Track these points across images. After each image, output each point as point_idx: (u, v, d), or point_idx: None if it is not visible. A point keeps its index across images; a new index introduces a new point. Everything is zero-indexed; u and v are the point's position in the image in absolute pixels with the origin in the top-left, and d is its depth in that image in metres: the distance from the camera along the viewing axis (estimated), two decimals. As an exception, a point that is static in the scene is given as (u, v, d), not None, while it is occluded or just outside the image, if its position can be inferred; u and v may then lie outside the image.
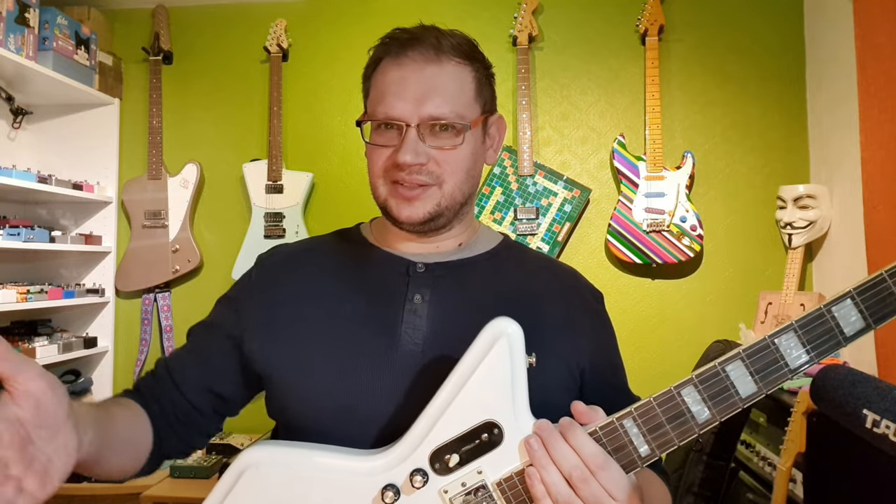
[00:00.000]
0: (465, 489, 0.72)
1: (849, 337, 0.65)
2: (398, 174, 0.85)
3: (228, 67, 2.86)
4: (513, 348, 0.72)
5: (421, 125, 0.83)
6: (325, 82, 2.78)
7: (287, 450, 0.78)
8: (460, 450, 0.72)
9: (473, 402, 0.72)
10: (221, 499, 0.76)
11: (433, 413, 0.73)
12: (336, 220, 2.76)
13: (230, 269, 2.69)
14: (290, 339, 0.88)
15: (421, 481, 0.72)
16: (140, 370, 2.80)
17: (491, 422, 0.72)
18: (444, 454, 0.72)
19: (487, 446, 0.72)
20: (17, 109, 2.67)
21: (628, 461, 0.70)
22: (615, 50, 2.68)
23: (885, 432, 1.12)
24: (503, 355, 0.71)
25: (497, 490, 0.72)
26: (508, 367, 0.71)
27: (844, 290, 0.64)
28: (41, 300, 2.42)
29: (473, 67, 0.89)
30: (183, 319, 2.81)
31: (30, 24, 2.38)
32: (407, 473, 0.72)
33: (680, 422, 0.68)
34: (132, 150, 2.87)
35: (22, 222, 2.48)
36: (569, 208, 2.57)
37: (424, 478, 0.72)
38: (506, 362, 0.71)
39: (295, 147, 2.79)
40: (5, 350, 0.58)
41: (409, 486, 0.72)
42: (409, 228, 0.89)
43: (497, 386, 0.72)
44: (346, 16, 2.79)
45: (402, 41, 0.86)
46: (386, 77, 0.86)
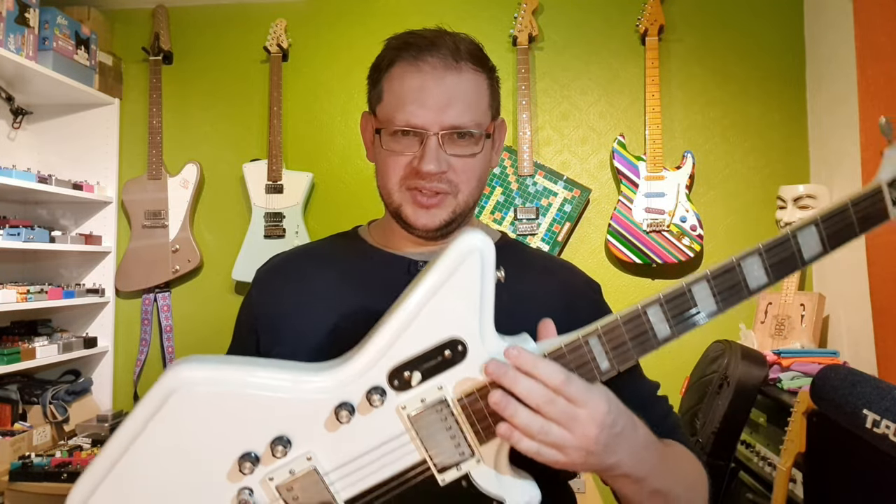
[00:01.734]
0: (424, 405, 0.68)
1: (807, 260, 0.70)
2: (417, 182, 0.86)
3: (228, 67, 2.86)
4: (484, 264, 0.67)
5: (442, 134, 0.84)
6: (325, 82, 2.78)
7: (221, 366, 0.69)
8: (422, 367, 0.68)
9: (439, 318, 0.67)
10: (140, 427, 0.66)
11: (395, 328, 0.67)
12: (336, 219, 2.77)
13: (230, 269, 2.69)
14: (292, 341, 0.89)
15: (379, 400, 0.67)
16: (140, 370, 2.80)
17: (456, 339, 0.68)
18: (405, 371, 0.68)
19: (450, 363, 0.68)
20: (17, 109, 2.67)
21: (589, 378, 0.69)
22: (615, 50, 2.68)
23: (885, 432, 1.12)
24: (474, 271, 0.67)
25: (457, 406, 0.68)
26: (478, 283, 0.67)
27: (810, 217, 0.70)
28: (41, 300, 2.42)
29: (487, 74, 0.90)
30: (183, 319, 2.81)
31: (30, 24, 2.38)
32: (364, 392, 0.68)
33: (642, 339, 0.69)
34: (132, 150, 2.87)
35: (22, 222, 2.48)
36: (569, 208, 2.57)
37: (382, 396, 0.67)
38: (476, 278, 0.67)
39: (295, 147, 2.79)
40: None
41: (366, 404, 0.67)
42: (423, 235, 0.90)
43: (465, 302, 0.67)
44: (346, 16, 2.79)
45: (420, 46, 0.85)
46: (405, 83, 0.85)
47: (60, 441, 2.44)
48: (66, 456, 2.19)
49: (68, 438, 2.45)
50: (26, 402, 2.47)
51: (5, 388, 2.46)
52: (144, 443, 0.67)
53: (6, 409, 2.43)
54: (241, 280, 2.68)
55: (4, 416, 2.42)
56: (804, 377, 1.89)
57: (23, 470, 2.09)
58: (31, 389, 2.50)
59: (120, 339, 2.84)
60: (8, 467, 2.12)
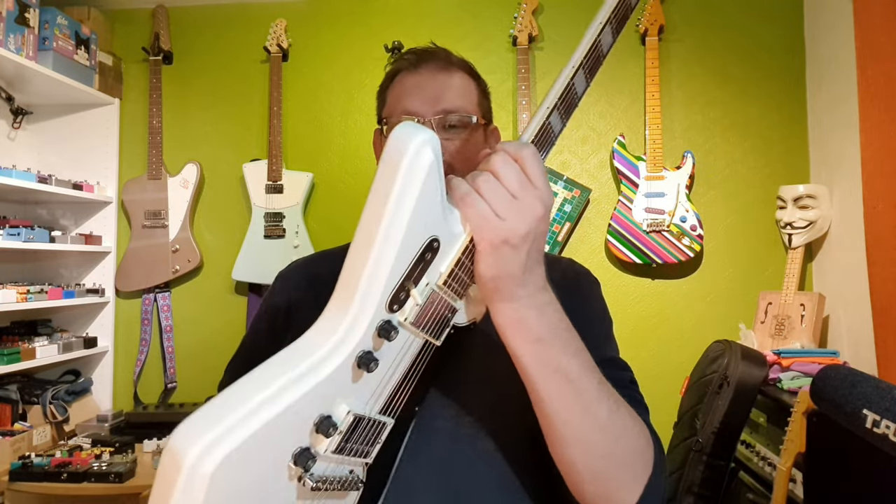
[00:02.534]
0: (420, 306, 0.67)
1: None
2: None
3: (228, 67, 2.86)
4: (437, 155, 0.63)
5: (435, 119, 0.93)
6: (325, 82, 2.78)
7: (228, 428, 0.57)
8: (412, 278, 0.66)
9: (417, 230, 0.64)
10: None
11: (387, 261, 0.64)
12: (336, 220, 2.77)
13: (230, 269, 2.69)
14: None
15: (395, 333, 0.66)
16: (140, 370, 2.80)
17: (433, 237, 0.66)
18: (401, 293, 0.66)
19: (430, 261, 0.67)
20: (17, 109, 2.68)
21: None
22: (615, 50, 2.67)
23: (885, 432, 1.12)
24: (434, 168, 0.63)
25: (445, 289, 0.69)
26: (438, 178, 0.64)
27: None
28: (41, 300, 2.42)
29: (476, 82, 1.01)
30: (183, 319, 2.81)
31: (30, 24, 2.38)
32: (372, 334, 0.65)
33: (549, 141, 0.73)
34: (132, 150, 2.87)
35: (22, 222, 2.48)
36: (569, 208, 2.57)
37: (394, 328, 0.66)
38: (436, 174, 0.63)
39: (295, 147, 2.79)
40: None
41: (380, 342, 0.66)
42: None
43: (430, 200, 0.64)
44: (346, 16, 2.79)
45: (418, 54, 0.98)
46: (403, 84, 0.97)
47: (60, 441, 2.44)
48: (66, 456, 2.19)
49: (68, 438, 2.46)
50: (26, 402, 2.47)
51: (5, 388, 2.46)
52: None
53: (6, 409, 2.43)
54: (241, 280, 2.68)
55: (4, 416, 2.42)
56: (804, 377, 1.89)
57: (23, 470, 2.09)
58: (31, 389, 2.50)
59: (120, 339, 2.84)
60: (8, 467, 2.12)
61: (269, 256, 2.64)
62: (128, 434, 2.48)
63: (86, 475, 2.09)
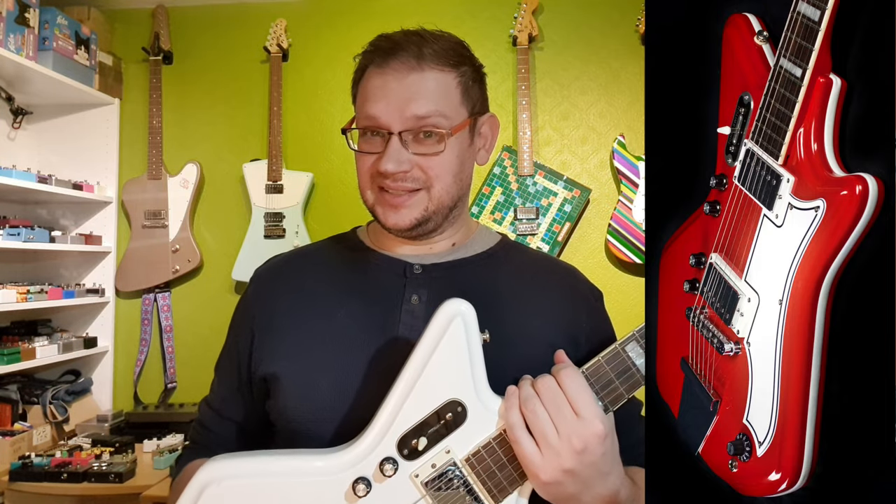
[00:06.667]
0: (436, 470, 0.73)
1: None
2: (383, 181, 0.86)
3: (228, 67, 2.86)
4: (468, 327, 0.73)
5: (404, 133, 0.84)
6: (325, 82, 2.78)
7: (246, 460, 0.77)
8: (427, 432, 0.73)
9: (435, 384, 0.73)
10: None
11: (396, 400, 0.74)
12: (336, 220, 2.77)
13: (230, 269, 2.69)
14: (289, 345, 0.89)
15: (392, 469, 0.72)
16: (140, 370, 2.80)
17: (454, 400, 0.73)
18: (412, 439, 0.73)
19: (453, 425, 0.73)
20: (17, 109, 2.67)
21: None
22: (615, 50, 2.68)
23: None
24: (459, 335, 0.73)
25: (466, 466, 0.73)
26: (465, 345, 0.73)
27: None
28: (41, 300, 2.42)
29: (459, 72, 0.87)
30: (183, 319, 2.80)
31: (30, 24, 2.38)
32: (376, 464, 0.73)
33: (627, 375, 0.73)
34: (132, 150, 2.87)
35: (22, 222, 2.48)
36: (569, 208, 2.57)
37: (395, 465, 0.72)
38: (462, 341, 0.73)
39: (295, 147, 2.79)
40: None
41: (380, 475, 0.73)
42: (397, 234, 0.90)
43: (456, 365, 0.73)
44: (346, 16, 2.79)
45: (385, 49, 0.86)
46: (368, 84, 0.87)
47: (60, 441, 2.44)
48: (66, 456, 2.19)
49: (68, 438, 2.45)
50: (26, 402, 2.47)
51: (5, 388, 2.46)
52: None
53: (6, 409, 2.43)
54: (241, 280, 2.68)
55: (4, 416, 2.42)
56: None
57: (23, 470, 2.09)
58: (31, 389, 2.50)
59: (120, 339, 2.84)
60: (8, 467, 2.12)
61: (268, 257, 2.63)
62: (128, 434, 2.48)
63: (86, 475, 2.09)
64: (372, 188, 0.89)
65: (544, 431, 0.69)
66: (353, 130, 0.90)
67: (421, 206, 0.87)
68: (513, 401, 0.72)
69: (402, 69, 0.85)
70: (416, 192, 0.86)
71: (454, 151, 0.87)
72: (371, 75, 0.88)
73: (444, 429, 0.73)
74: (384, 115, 0.84)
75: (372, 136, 0.87)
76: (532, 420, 0.69)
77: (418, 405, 0.73)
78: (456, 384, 0.73)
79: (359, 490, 0.72)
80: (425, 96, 0.84)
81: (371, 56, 0.88)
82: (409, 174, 0.85)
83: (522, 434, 0.70)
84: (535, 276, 0.96)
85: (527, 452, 0.69)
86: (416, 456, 0.73)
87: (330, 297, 0.92)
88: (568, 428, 0.68)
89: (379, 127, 0.85)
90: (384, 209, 0.88)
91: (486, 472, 0.72)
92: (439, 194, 0.87)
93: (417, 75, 0.84)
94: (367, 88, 0.88)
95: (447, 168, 0.86)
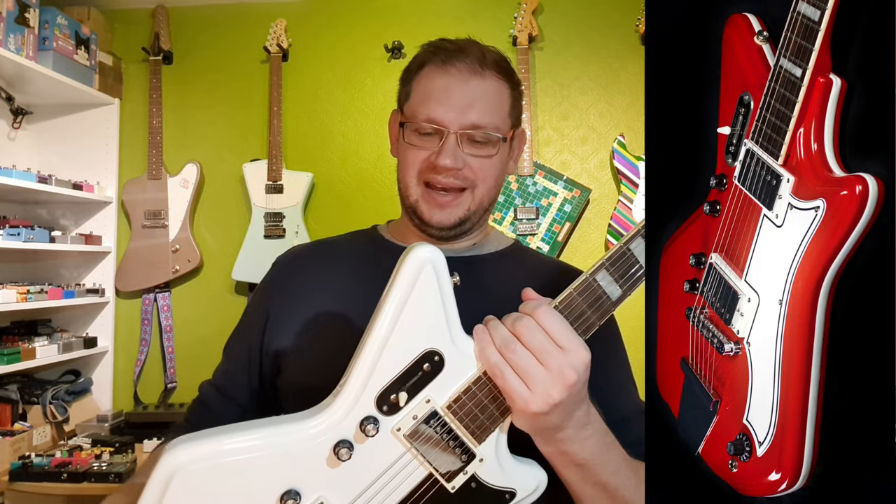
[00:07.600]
0: (417, 421, 0.71)
1: None
2: (433, 176, 0.89)
3: (228, 67, 2.86)
4: (438, 274, 0.70)
5: (461, 133, 0.88)
6: (325, 82, 2.78)
7: (215, 439, 0.70)
8: (405, 385, 0.71)
9: (411, 336, 0.71)
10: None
11: (372, 357, 0.70)
12: (336, 220, 2.77)
13: (230, 269, 2.68)
14: (304, 322, 0.92)
15: (374, 429, 0.69)
16: (140, 370, 2.80)
17: (431, 350, 0.71)
18: (390, 394, 0.70)
19: (431, 375, 0.71)
20: (17, 109, 2.67)
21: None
22: (615, 50, 2.68)
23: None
24: (431, 283, 0.70)
25: (448, 413, 0.71)
26: (438, 294, 0.70)
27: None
28: (41, 300, 2.42)
29: (510, 84, 0.93)
30: (183, 319, 2.80)
31: (30, 24, 2.38)
32: (356, 425, 0.70)
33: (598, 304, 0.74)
34: (132, 150, 2.87)
35: (22, 222, 2.48)
36: (569, 208, 2.57)
37: (376, 424, 0.70)
38: (434, 290, 0.70)
39: (295, 147, 2.79)
40: None
41: (361, 436, 0.70)
42: (437, 233, 0.93)
43: (431, 315, 0.71)
44: (346, 16, 2.78)
45: (449, 51, 0.90)
46: (431, 83, 0.90)
47: (60, 441, 2.43)
48: (66, 456, 2.19)
49: (68, 438, 2.45)
50: (26, 402, 2.47)
51: (5, 388, 2.46)
52: None
53: (6, 409, 2.43)
54: (241, 280, 2.68)
55: (4, 416, 2.42)
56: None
57: (23, 470, 2.09)
58: (31, 389, 2.50)
59: (120, 339, 2.84)
60: (8, 467, 2.11)
61: (269, 257, 2.60)
62: (128, 434, 2.47)
63: (86, 475, 2.08)
64: (418, 183, 0.91)
65: (530, 370, 0.68)
66: (409, 126, 0.91)
67: (465, 205, 0.91)
68: (486, 340, 0.70)
69: (466, 71, 0.88)
70: (461, 191, 0.90)
71: (500, 157, 0.92)
72: (433, 74, 0.90)
73: (423, 379, 0.71)
74: (445, 116, 0.87)
75: (426, 134, 0.90)
76: (515, 361, 0.68)
77: (395, 360, 0.70)
78: (432, 334, 0.71)
79: (342, 454, 0.69)
80: (486, 102, 0.89)
81: (432, 55, 0.91)
82: (461, 172, 0.89)
83: (508, 373, 0.68)
84: (547, 276, 0.98)
85: (515, 390, 0.68)
86: (396, 410, 0.70)
87: (347, 282, 0.95)
88: (556, 362, 0.67)
89: (438, 124, 0.88)
90: (429, 207, 0.91)
91: (468, 415, 0.71)
92: (481, 196, 0.92)
93: (479, 80, 0.89)
94: (427, 87, 0.90)
95: (492, 172, 0.91)
